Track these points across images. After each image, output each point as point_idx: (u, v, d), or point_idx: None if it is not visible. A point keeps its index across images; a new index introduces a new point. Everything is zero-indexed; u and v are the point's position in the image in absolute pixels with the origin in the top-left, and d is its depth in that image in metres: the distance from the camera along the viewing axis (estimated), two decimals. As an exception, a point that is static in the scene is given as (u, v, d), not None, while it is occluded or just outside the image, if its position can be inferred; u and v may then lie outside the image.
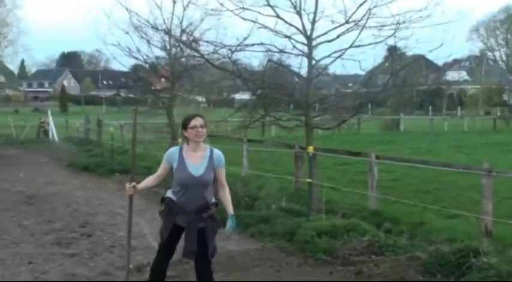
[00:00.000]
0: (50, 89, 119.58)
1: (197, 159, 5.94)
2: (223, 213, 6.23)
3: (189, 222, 5.95)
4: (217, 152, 6.16)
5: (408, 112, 44.35)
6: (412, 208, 11.28)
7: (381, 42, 12.43)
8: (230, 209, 6.15)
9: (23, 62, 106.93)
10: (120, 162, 19.81)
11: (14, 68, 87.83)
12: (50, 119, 34.51)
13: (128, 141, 26.71)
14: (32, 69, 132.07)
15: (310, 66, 12.73)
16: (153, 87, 20.67)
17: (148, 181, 6.21)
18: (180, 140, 16.58)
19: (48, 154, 25.86)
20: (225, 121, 25.34)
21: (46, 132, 34.60)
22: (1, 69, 59.82)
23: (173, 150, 6.00)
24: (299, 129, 13.65)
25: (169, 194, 6.07)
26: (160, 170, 6.06)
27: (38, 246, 9.38)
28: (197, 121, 5.87)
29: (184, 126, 5.91)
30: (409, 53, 14.51)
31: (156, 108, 20.28)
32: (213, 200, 6.12)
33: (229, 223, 6.12)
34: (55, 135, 33.14)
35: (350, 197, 12.82)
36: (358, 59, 12.52)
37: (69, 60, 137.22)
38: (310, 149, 11.11)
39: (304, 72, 13.10)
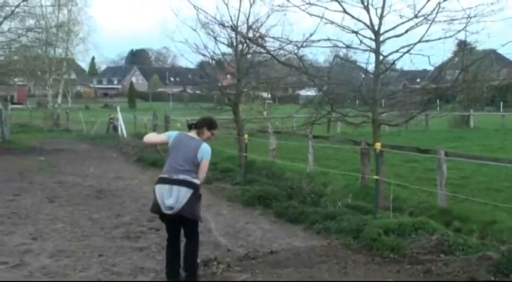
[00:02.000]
0: (119, 86, 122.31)
1: None
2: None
3: None
4: None
5: (478, 108, 43.14)
6: (483, 207, 10.96)
7: (451, 36, 12.14)
8: None
9: (93, 59, 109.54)
10: (187, 158, 20.02)
11: (84, 65, 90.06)
12: (119, 115, 35.24)
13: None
14: (101, 66, 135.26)
15: (378, 62, 12.55)
16: (219, 84, 20.76)
17: None
18: (246, 135, 16.70)
19: (117, 149, 26.46)
20: (290, 117, 25.48)
21: (115, 128, 35.36)
22: (73, 67, 61.24)
23: None
24: (365, 125, 13.49)
25: (197, 181, 6.92)
26: None
27: (107, 239, 9.60)
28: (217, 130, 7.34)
29: (213, 127, 7.21)
30: (480, 47, 14.15)
31: (222, 105, 20.39)
32: None
33: None
34: (124, 131, 33.82)
35: (418, 195, 12.60)
36: (427, 54, 12.26)
37: (138, 58, 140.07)
38: (378, 145, 10.96)
39: (371, 67, 12.94)
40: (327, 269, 7.79)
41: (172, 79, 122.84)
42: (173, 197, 6.68)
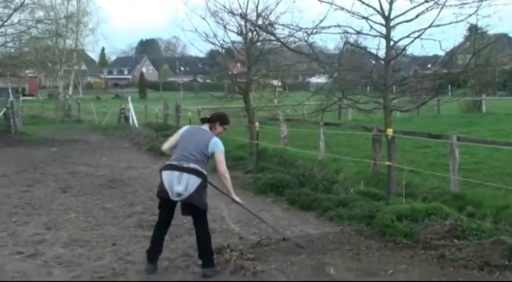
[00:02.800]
0: (129, 76, 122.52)
1: None
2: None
3: None
4: None
5: (490, 93, 42.83)
6: (496, 191, 10.91)
7: (462, 20, 12.00)
8: None
9: (103, 50, 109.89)
10: (198, 147, 20.09)
11: (94, 56, 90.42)
12: (130, 105, 35.32)
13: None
14: (111, 57, 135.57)
15: (388, 48, 12.46)
16: (230, 72, 20.70)
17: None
18: (257, 123, 16.69)
19: (129, 139, 26.53)
20: (301, 105, 25.40)
21: (127, 118, 35.46)
22: (83, 58, 61.48)
23: None
24: (377, 112, 13.44)
25: (205, 172, 7.10)
26: None
27: (121, 228, 9.65)
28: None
29: (226, 122, 7.43)
30: (491, 31, 14.00)
31: (232, 93, 20.36)
32: None
33: None
34: (135, 121, 33.90)
35: (430, 181, 12.56)
36: (438, 38, 12.14)
37: (148, 48, 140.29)
38: (389, 131, 10.91)
39: (382, 53, 12.84)
40: (339, 255, 7.80)
41: (182, 68, 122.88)
42: (182, 184, 6.87)
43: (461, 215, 9.27)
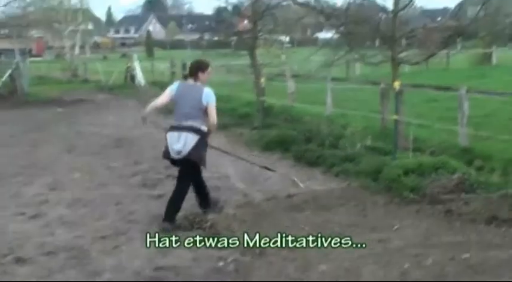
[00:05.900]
0: (136, 35, 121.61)
1: None
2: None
3: None
4: None
5: (501, 45, 42.16)
6: (506, 145, 10.71)
7: (471, -31, 11.67)
8: None
9: (109, 9, 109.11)
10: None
11: (101, 15, 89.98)
12: (136, 64, 35.02)
13: (213, 83, 26.80)
14: (118, 16, 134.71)
15: (396, -1, 12.14)
16: (236, 29, 20.35)
17: None
18: (263, 79, 16.46)
19: (135, 98, 26.32)
20: (308, 60, 25.09)
21: (132, 77, 35.15)
22: (89, 17, 61.09)
23: None
24: (385, 66, 13.16)
25: (204, 127, 7.24)
26: None
27: (125, 187, 9.58)
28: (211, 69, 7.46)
29: (204, 68, 7.35)
30: (503, -21, 13.62)
31: (239, 50, 20.08)
32: None
33: None
34: (141, 79, 33.63)
35: (438, 135, 12.37)
36: (446, -12, 11.82)
37: (154, 5, 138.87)
38: (396, 84, 10.69)
39: (389, 5, 12.52)
40: (345, 211, 7.70)
41: (189, 26, 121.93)
42: (181, 142, 7.02)
43: (470, 169, 9.10)
